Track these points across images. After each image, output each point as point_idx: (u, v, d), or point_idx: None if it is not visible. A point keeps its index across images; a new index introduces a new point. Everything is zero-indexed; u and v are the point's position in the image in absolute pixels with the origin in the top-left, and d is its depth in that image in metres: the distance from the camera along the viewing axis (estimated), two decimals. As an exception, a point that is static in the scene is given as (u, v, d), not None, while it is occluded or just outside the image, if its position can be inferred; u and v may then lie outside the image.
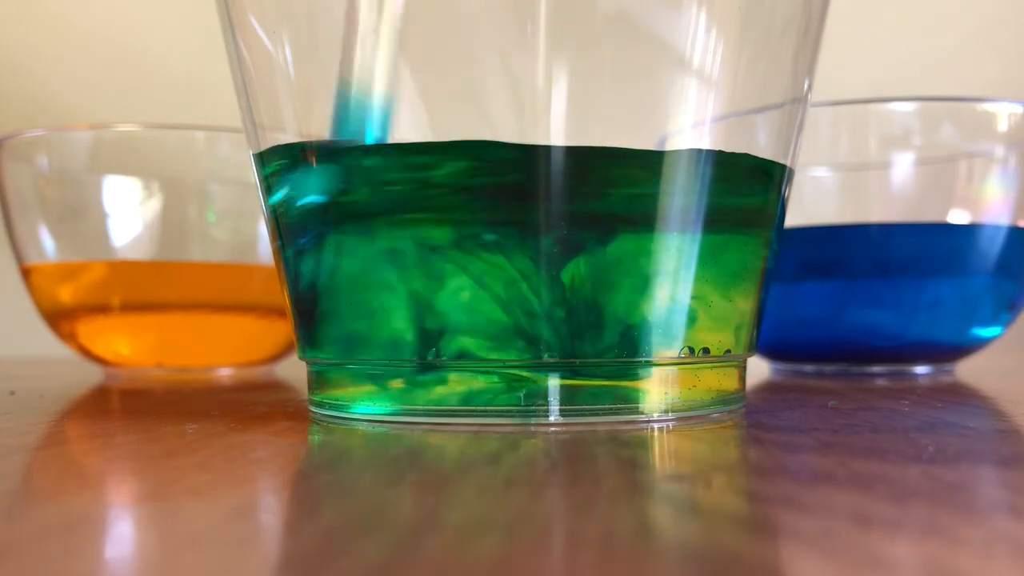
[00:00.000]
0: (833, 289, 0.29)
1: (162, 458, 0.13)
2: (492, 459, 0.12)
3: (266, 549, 0.08)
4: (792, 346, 0.31)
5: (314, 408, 0.18)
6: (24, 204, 0.33)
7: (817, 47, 0.18)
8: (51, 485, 0.12)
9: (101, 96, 0.66)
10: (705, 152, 0.16)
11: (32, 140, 0.33)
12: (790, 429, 0.15)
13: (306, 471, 0.13)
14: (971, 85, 0.65)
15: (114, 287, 0.33)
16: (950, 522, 0.09)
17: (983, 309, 0.29)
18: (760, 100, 0.17)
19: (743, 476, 0.12)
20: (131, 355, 0.33)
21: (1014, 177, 0.29)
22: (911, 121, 0.30)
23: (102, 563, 0.08)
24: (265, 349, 0.34)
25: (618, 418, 0.16)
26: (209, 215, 0.34)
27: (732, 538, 0.08)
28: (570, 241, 0.15)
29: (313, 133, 0.17)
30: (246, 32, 0.17)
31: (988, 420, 0.17)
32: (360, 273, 0.16)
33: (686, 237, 0.16)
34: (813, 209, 0.32)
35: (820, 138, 0.31)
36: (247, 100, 0.18)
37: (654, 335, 0.16)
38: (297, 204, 0.17)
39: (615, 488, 0.10)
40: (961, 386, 0.25)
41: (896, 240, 0.29)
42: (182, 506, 0.10)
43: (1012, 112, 0.29)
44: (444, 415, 0.16)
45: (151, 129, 0.33)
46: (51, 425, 0.17)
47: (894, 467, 0.12)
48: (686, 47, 0.15)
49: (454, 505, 0.09)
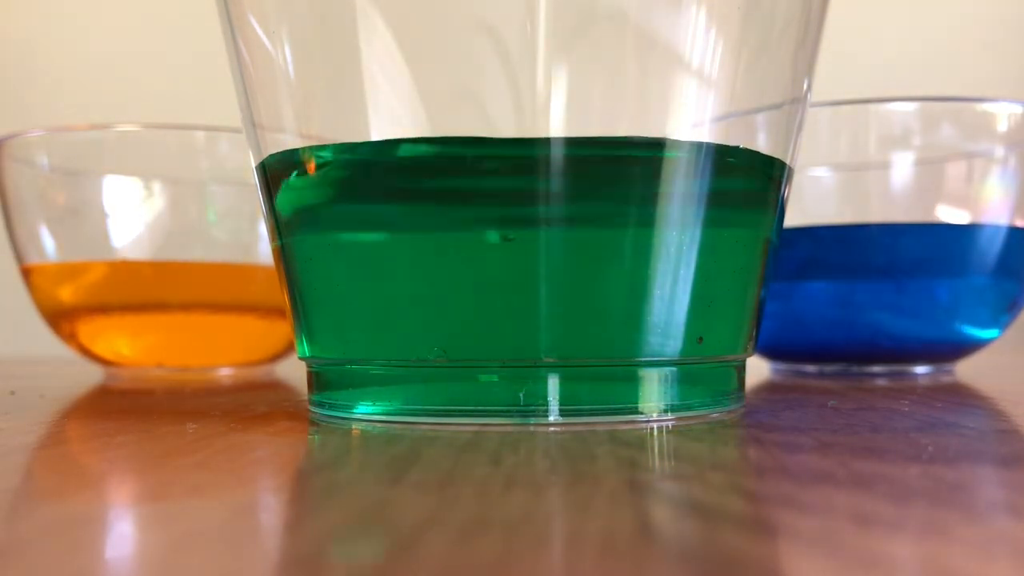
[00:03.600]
0: (833, 289, 0.29)
1: (162, 458, 0.13)
2: (492, 459, 0.12)
3: (266, 549, 0.08)
4: (792, 346, 0.31)
5: (314, 408, 0.18)
6: (24, 204, 0.33)
7: (817, 47, 0.18)
8: (51, 485, 0.12)
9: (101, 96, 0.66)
10: (705, 151, 0.16)
11: (32, 140, 0.33)
12: (790, 429, 0.15)
13: (306, 471, 0.13)
14: (971, 85, 0.65)
15: (114, 287, 0.33)
16: (950, 522, 0.09)
17: (983, 309, 0.29)
18: (760, 100, 0.17)
19: (743, 476, 0.12)
20: (131, 355, 0.33)
21: (1014, 177, 0.29)
22: (911, 121, 0.30)
23: (102, 563, 0.08)
24: (265, 349, 0.34)
25: (618, 418, 0.16)
26: (209, 215, 0.34)
27: (732, 538, 0.08)
28: (569, 240, 0.15)
29: (313, 133, 0.17)
30: (246, 32, 0.17)
31: (988, 420, 0.17)
32: (359, 273, 0.16)
33: (685, 236, 0.16)
34: (813, 209, 0.32)
35: (820, 138, 0.31)
36: (247, 100, 0.18)
37: (653, 335, 0.16)
38: (297, 204, 0.17)
39: (615, 488, 0.10)
40: (961, 386, 0.25)
41: (896, 240, 0.29)
42: (182, 506, 0.10)
43: (1012, 112, 0.29)
44: (444, 415, 0.16)
45: (151, 129, 0.33)
46: (51, 425, 0.17)
47: (894, 467, 0.12)
48: (686, 47, 0.15)
49: (454, 505, 0.09)
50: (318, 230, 0.17)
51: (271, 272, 0.33)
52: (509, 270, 0.15)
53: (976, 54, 0.67)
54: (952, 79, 0.66)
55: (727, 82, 0.16)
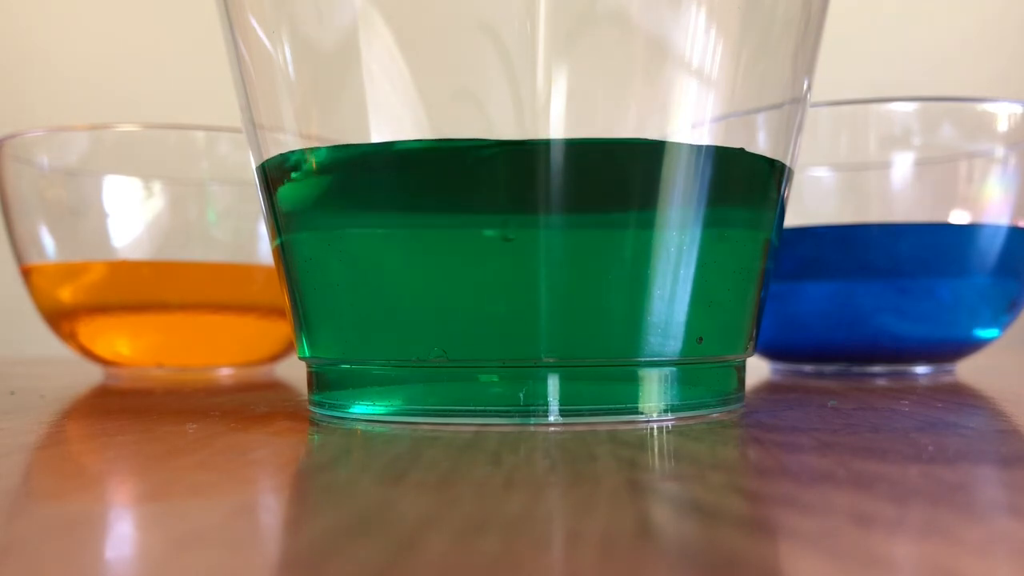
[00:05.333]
0: (833, 289, 0.29)
1: (162, 458, 0.13)
2: (492, 459, 0.12)
3: (266, 549, 0.08)
4: (792, 346, 0.31)
5: (314, 408, 0.18)
6: (24, 204, 0.33)
7: (817, 47, 0.18)
8: (51, 485, 0.12)
9: (101, 96, 0.66)
10: (705, 151, 0.16)
11: (32, 140, 0.33)
12: (790, 429, 0.15)
13: (306, 471, 0.13)
14: (971, 85, 0.65)
15: (114, 287, 0.33)
16: (950, 522, 0.09)
17: (983, 309, 0.29)
18: (759, 100, 0.17)
19: (743, 476, 0.12)
20: (131, 355, 0.33)
21: (1014, 177, 0.29)
22: (911, 121, 0.30)
23: (102, 563, 0.08)
24: (265, 349, 0.34)
25: (617, 418, 0.16)
26: (209, 215, 0.34)
27: (732, 538, 0.08)
28: (569, 240, 0.15)
29: (312, 133, 0.17)
30: (246, 32, 0.17)
31: (988, 420, 0.17)
32: (359, 273, 0.16)
33: (685, 236, 0.16)
34: (813, 209, 0.32)
35: (820, 138, 0.31)
36: (247, 100, 0.18)
37: (653, 335, 0.16)
38: (296, 204, 0.17)
39: (615, 488, 0.10)
40: (961, 386, 0.25)
41: (896, 240, 0.29)
42: (182, 506, 0.10)
43: (1012, 112, 0.29)
44: (444, 415, 0.16)
45: (151, 129, 0.33)
46: (51, 425, 0.17)
47: (894, 467, 0.12)
48: (685, 47, 0.15)
49: (454, 505, 0.09)
50: (317, 230, 0.17)
51: (271, 272, 0.33)
52: (509, 270, 0.15)
53: (976, 54, 0.67)
54: (952, 79, 0.66)
55: (727, 82, 0.16)
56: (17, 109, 0.64)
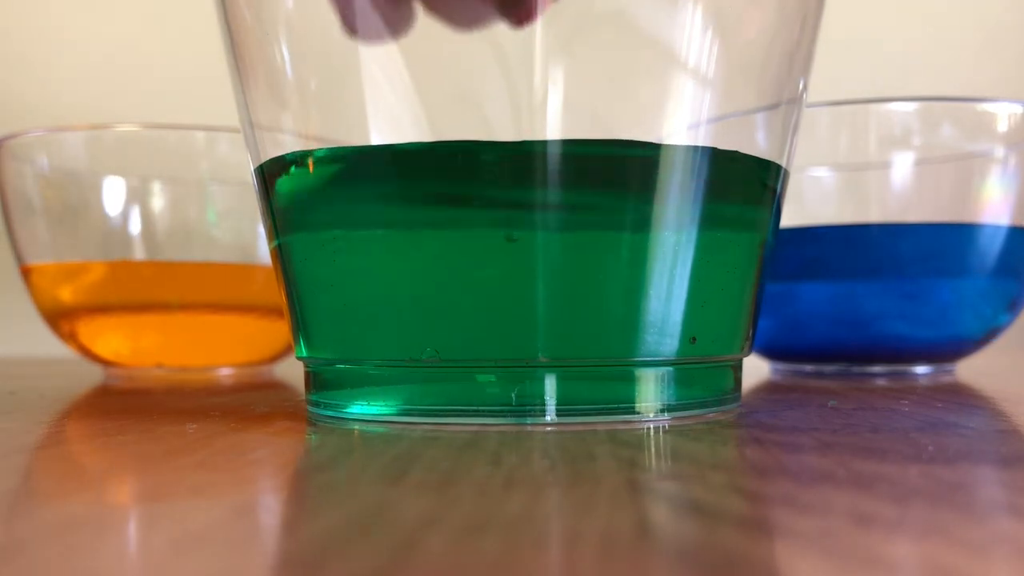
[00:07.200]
0: (833, 289, 0.29)
1: (162, 458, 0.13)
2: (492, 459, 0.12)
3: (266, 549, 0.08)
4: (792, 346, 0.31)
5: (311, 408, 0.18)
6: (24, 204, 0.33)
7: (812, 48, 0.18)
8: (51, 485, 0.12)
9: (101, 96, 0.66)
10: (701, 152, 0.16)
11: (32, 140, 0.33)
12: (790, 429, 0.15)
13: (305, 471, 0.13)
14: (971, 85, 0.65)
15: (114, 287, 0.33)
16: (950, 522, 0.09)
17: (983, 309, 0.29)
18: (756, 100, 0.17)
19: (743, 476, 0.12)
20: (131, 355, 0.33)
21: (1014, 177, 0.29)
22: (911, 121, 0.30)
23: (102, 563, 0.08)
24: (265, 349, 0.34)
25: (614, 418, 0.16)
26: (209, 215, 0.34)
27: (732, 538, 0.08)
28: (565, 241, 0.15)
29: (311, 134, 0.17)
30: (244, 32, 0.17)
31: (988, 420, 0.17)
32: (357, 273, 0.16)
33: (682, 236, 0.16)
34: (813, 209, 0.32)
35: (820, 138, 0.31)
36: (245, 100, 0.18)
37: (650, 334, 0.16)
38: (294, 204, 0.17)
39: (615, 488, 0.10)
40: (961, 386, 0.25)
41: (896, 240, 0.29)
42: (182, 506, 0.10)
43: (1012, 112, 0.29)
44: (442, 415, 0.16)
45: (151, 129, 0.33)
46: (51, 425, 0.17)
47: (894, 467, 0.12)
48: (682, 48, 0.15)
49: (454, 505, 0.09)
50: (315, 230, 0.17)
51: (271, 272, 0.33)
52: (505, 271, 0.15)
53: (976, 54, 0.67)
54: (952, 79, 0.66)
55: (723, 83, 0.16)
56: (17, 109, 0.64)
